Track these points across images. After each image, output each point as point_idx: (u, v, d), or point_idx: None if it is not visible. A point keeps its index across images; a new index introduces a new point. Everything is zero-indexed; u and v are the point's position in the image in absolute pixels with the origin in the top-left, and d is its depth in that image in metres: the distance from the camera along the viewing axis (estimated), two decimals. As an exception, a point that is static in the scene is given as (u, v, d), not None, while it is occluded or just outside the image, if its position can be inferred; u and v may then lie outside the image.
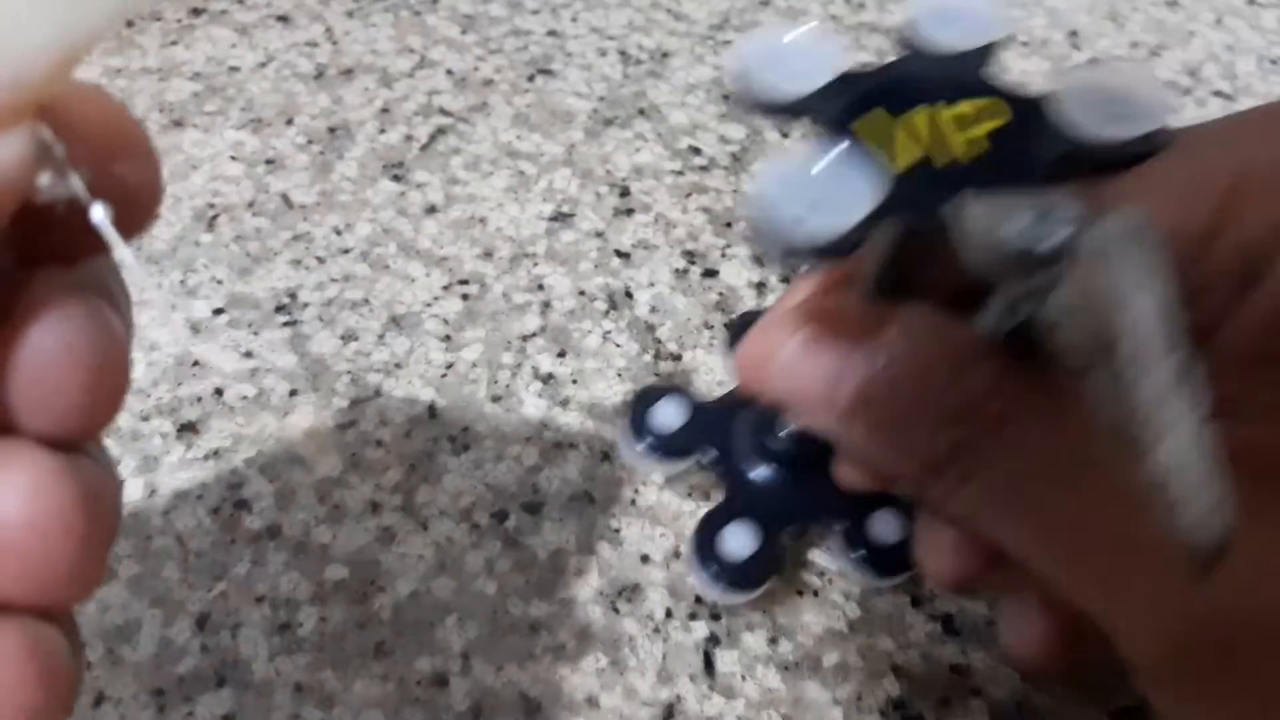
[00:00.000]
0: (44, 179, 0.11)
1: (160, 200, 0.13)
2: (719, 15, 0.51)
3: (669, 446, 0.29)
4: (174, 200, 0.41)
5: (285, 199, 0.41)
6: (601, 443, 0.32)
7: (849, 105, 0.17)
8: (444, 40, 0.49)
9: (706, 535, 0.27)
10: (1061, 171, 0.17)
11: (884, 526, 0.28)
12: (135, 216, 0.12)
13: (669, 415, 0.29)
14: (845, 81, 0.18)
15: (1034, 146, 0.17)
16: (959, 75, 0.18)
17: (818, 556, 0.30)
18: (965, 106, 0.17)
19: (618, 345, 0.35)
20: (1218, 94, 0.46)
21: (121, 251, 0.12)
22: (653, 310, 0.36)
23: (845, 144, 0.16)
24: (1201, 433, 0.11)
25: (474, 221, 0.40)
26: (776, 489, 0.28)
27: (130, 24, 0.51)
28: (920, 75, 0.18)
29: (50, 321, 0.12)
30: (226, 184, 0.42)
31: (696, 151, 0.43)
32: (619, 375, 0.34)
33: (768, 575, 0.27)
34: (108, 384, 0.12)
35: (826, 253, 0.15)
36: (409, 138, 0.44)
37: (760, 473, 0.28)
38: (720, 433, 0.29)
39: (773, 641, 0.28)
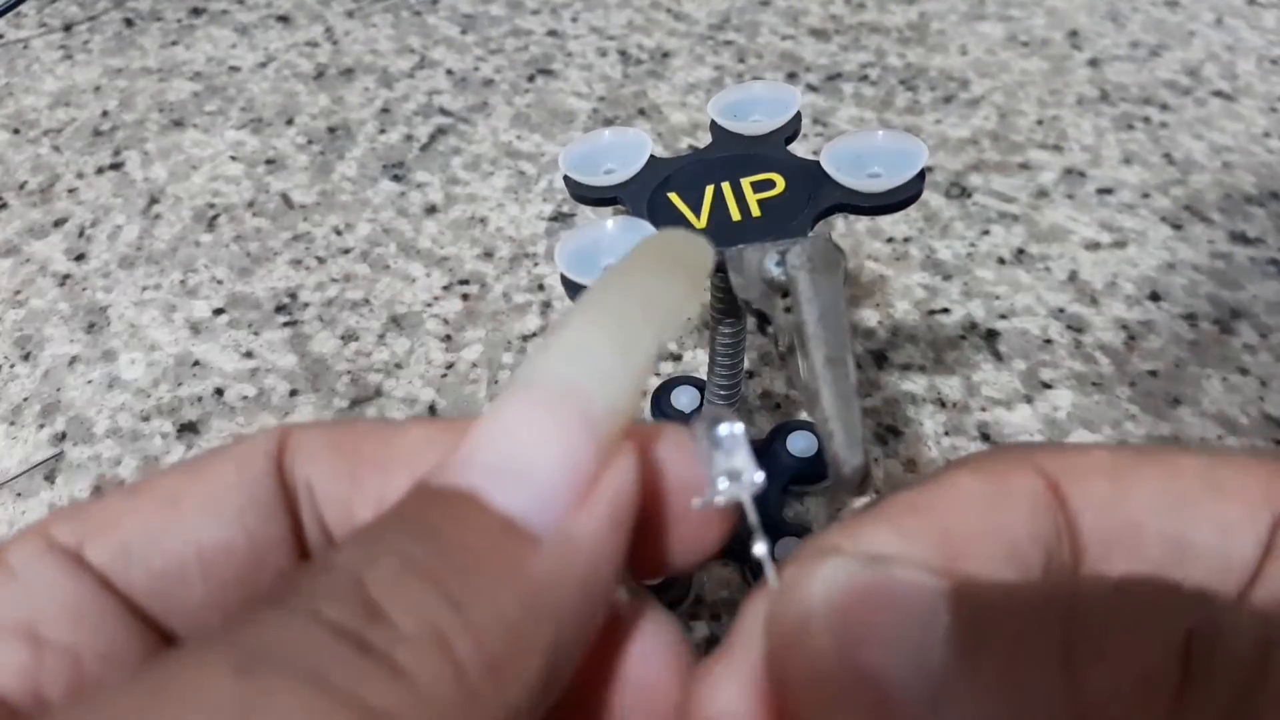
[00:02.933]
0: (696, 502, 0.14)
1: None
2: (719, 15, 0.51)
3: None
4: (174, 200, 0.41)
5: (285, 199, 0.41)
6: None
7: (653, 188, 0.22)
8: (444, 40, 0.49)
9: None
10: (829, 215, 0.21)
11: (789, 554, 0.29)
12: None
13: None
14: (653, 167, 0.23)
15: (809, 200, 0.21)
16: (759, 152, 0.23)
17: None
18: (761, 176, 0.22)
19: (618, 345, 0.35)
20: (1218, 94, 0.45)
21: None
22: (653, 310, 0.36)
23: (628, 215, 0.21)
24: (848, 392, 0.16)
25: (474, 221, 0.40)
26: None
27: (130, 24, 0.51)
28: (720, 156, 0.23)
29: (656, 642, 0.14)
30: (227, 184, 0.42)
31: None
32: (619, 375, 0.34)
33: (678, 602, 0.28)
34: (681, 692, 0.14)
35: None
36: (409, 138, 0.44)
37: None
38: None
39: (773, 641, 0.28)
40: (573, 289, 0.20)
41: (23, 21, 0.51)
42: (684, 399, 0.32)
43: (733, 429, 0.14)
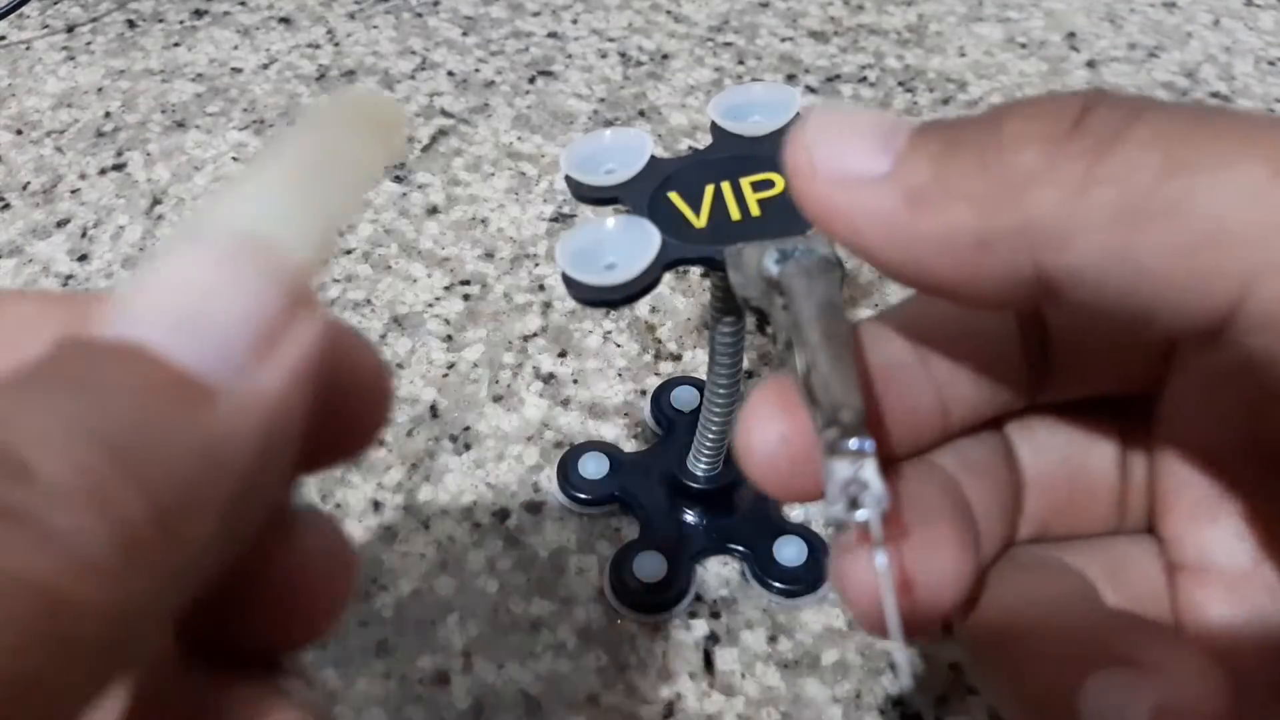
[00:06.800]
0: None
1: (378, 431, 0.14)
2: (719, 17, 0.51)
3: (592, 494, 0.31)
4: (177, 201, 0.41)
5: (287, 200, 0.41)
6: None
7: (654, 188, 0.22)
8: (445, 42, 0.49)
9: (619, 566, 0.29)
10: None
11: (789, 551, 0.29)
12: (348, 445, 0.14)
13: (592, 468, 0.31)
14: (653, 167, 0.23)
15: None
16: (758, 153, 0.23)
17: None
18: (760, 176, 0.22)
19: (618, 345, 0.35)
20: (1215, 95, 0.46)
21: (889, 602, 0.13)
22: (653, 310, 0.37)
23: (629, 214, 0.21)
24: (843, 354, 0.15)
25: (475, 222, 0.40)
26: (684, 525, 0.30)
27: (133, 25, 0.51)
28: (720, 157, 0.23)
29: (319, 534, 0.13)
30: (229, 185, 0.42)
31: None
32: (619, 375, 0.34)
33: (677, 600, 0.29)
34: None
35: (623, 296, 0.20)
36: (410, 139, 0.44)
37: (670, 512, 0.30)
38: (636, 480, 0.31)
39: (772, 639, 0.28)
40: (574, 287, 0.21)
41: (25, 23, 0.51)
42: (684, 399, 0.33)
43: (863, 443, 0.13)
